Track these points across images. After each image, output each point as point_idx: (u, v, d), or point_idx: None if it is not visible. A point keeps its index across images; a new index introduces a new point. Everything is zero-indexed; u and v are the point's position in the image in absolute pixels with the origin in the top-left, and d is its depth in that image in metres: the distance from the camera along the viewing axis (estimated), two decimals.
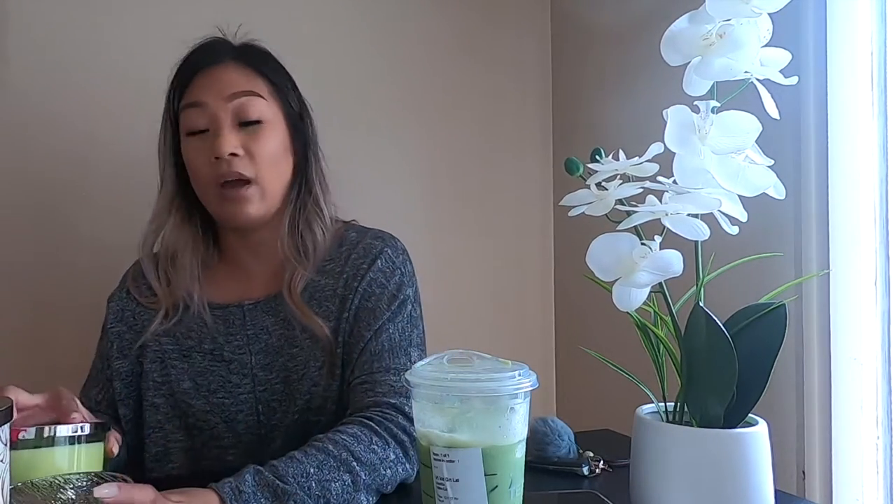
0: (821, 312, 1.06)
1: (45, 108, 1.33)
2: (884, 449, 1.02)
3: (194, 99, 0.95)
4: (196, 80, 0.97)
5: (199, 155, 0.95)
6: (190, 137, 0.96)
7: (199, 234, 1.03)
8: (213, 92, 0.95)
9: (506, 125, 1.69)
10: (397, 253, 1.03)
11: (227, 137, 0.93)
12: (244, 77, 0.97)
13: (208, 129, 0.95)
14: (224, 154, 0.92)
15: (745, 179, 0.64)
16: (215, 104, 0.94)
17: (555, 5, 1.72)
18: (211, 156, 0.93)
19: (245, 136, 0.95)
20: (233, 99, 0.94)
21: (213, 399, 0.99)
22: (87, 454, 0.73)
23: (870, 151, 1.04)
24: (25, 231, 1.32)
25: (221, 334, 1.00)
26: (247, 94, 0.95)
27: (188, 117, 0.96)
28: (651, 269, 0.63)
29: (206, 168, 0.94)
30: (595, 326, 1.54)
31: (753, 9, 0.63)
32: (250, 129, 0.95)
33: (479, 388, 0.64)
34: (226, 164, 0.92)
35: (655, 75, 1.25)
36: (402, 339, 0.97)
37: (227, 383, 0.99)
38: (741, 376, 0.64)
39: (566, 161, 0.72)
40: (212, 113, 0.94)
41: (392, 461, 0.83)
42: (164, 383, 1.01)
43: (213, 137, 0.94)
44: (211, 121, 0.94)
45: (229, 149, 0.92)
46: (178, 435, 1.01)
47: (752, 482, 0.65)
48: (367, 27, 1.56)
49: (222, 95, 0.94)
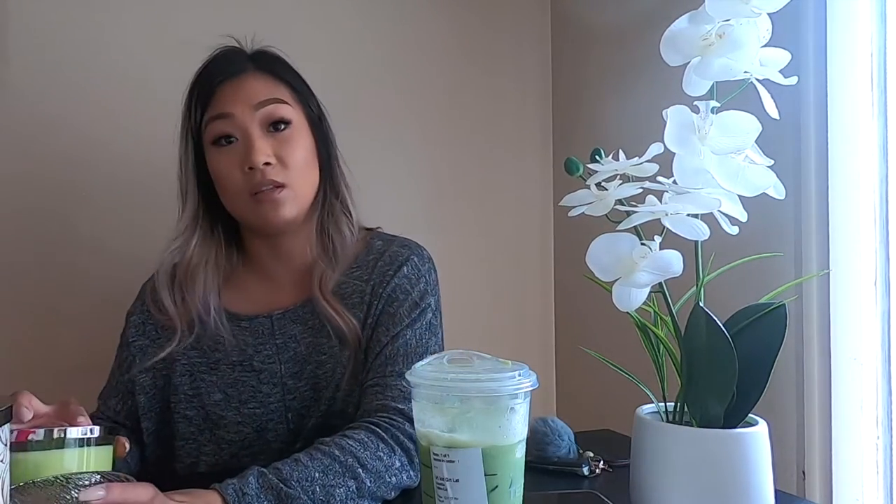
0: (821, 312, 1.06)
1: (44, 108, 1.33)
2: (884, 449, 1.02)
3: (221, 110, 0.95)
4: (219, 91, 0.97)
5: (228, 165, 0.95)
6: (217, 148, 0.96)
7: (221, 248, 1.03)
8: (238, 102, 0.95)
9: (506, 125, 1.69)
10: (423, 261, 1.04)
11: (260, 147, 0.93)
12: (267, 85, 0.97)
13: (236, 138, 0.95)
14: (258, 164, 0.92)
15: (745, 179, 0.64)
16: (243, 114, 0.94)
17: (555, 5, 1.72)
18: (244, 166, 0.94)
19: (275, 142, 0.95)
20: (260, 107, 0.95)
21: (245, 409, 0.98)
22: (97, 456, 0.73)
23: (870, 151, 1.04)
24: (25, 232, 1.32)
25: (250, 345, 1.00)
26: (273, 102, 0.95)
27: (215, 128, 0.96)
28: (651, 269, 0.63)
29: (238, 178, 0.95)
30: (595, 326, 1.54)
31: (753, 9, 0.63)
32: (279, 134, 0.96)
33: (479, 388, 0.64)
34: (260, 173, 0.93)
35: (655, 75, 1.25)
36: (418, 346, 0.97)
37: (259, 393, 0.99)
38: (741, 376, 0.64)
39: (566, 161, 0.72)
40: (240, 123, 0.94)
41: (397, 468, 0.83)
42: (195, 396, 1.00)
43: (245, 148, 0.94)
44: (240, 131, 0.95)
45: (263, 158, 0.92)
46: (209, 447, 1.00)
47: (752, 482, 0.65)
48: (366, 28, 1.56)
49: (249, 105, 0.95)
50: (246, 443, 0.99)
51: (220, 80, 0.97)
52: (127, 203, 1.38)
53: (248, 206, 0.96)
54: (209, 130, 0.96)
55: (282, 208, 0.95)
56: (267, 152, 0.93)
